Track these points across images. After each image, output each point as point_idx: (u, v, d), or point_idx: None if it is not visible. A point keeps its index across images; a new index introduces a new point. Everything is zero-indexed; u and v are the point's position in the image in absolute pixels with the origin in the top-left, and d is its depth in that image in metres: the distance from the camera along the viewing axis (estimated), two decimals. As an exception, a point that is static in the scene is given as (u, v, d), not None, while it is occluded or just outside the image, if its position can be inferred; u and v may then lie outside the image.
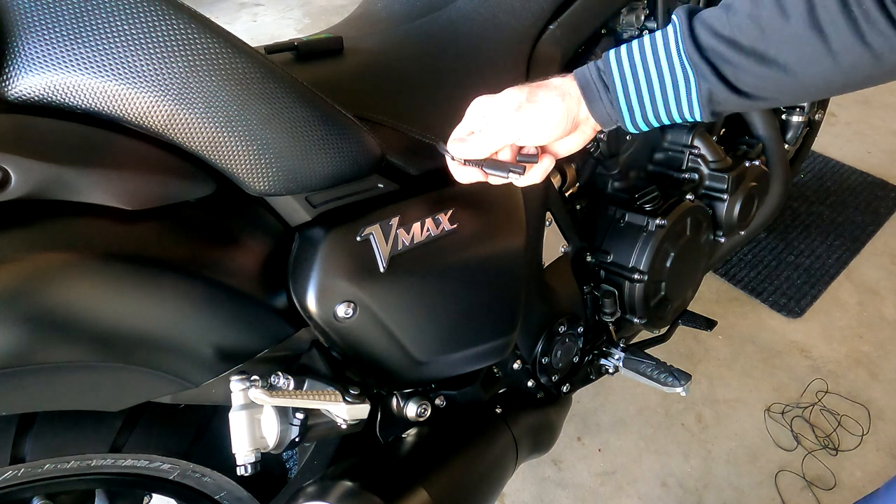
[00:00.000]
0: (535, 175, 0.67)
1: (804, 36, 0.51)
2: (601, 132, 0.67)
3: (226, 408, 0.66)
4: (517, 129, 0.62)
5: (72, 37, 0.49)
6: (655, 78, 0.59)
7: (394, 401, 0.85)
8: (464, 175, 0.67)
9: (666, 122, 0.62)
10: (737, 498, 1.35)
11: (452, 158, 0.66)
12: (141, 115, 0.52)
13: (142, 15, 0.50)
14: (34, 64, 0.49)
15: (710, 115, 0.59)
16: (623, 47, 0.61)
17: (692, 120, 0.61)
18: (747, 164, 1.17)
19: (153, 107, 0.52)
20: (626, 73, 0.60)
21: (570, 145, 0.67)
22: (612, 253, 1.05)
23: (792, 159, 1.57)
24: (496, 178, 0.66)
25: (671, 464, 1.42)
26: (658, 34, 0.59)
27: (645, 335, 1.25)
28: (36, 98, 0.49)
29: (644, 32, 1.00)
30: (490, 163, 0.65)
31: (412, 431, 0.87)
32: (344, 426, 0.71)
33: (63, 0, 0.49)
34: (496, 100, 0.64)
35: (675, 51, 0.58)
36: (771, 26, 0.52)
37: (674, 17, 0.58)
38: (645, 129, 0.63)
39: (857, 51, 0.50)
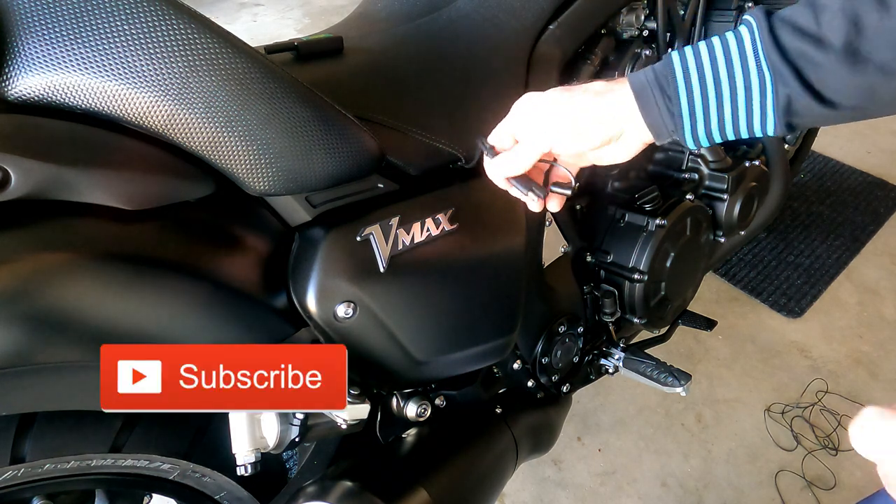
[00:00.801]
0: (553, 204, 0.63)
1: None
2: (653, 145, 0.60)
3: (226, 408, 0.66)
4: (554, 137, 0.58)
5: (72, 37, 0.49)
6: (726, 83, 0.52)
7: (394, 401, 0.85)
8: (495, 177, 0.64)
9: (731, 136, 0.55)
10: (737, 498, 1.35)
11: (490, 158, 0.63)
12: (141, 115, 0.52)
13: (142, 15, 0.50)
14: (34, 64, 0.49)
15: (785, 128, 0.52)
16: (688, 48, 0.54)
17: (762, 134, 0.54)
18: (747, 164, 1.17)
19: (153, 107, 0.52)
20: (692, 76, 0.53)
21: (611, 157, 0.60)
22: (612, 253, 1.05)
23: (792, 159, 1.57)
24: (516, 192, 0.63)
25: (671, 464, 1.42)
26: (730, 35, 0.52)
27: (645, 335, 1.25)
28: (36, 98, 0.49)
29: (644, 32, 1.00)
30: (519, 178, 0.62)
31: (412, 431, 0.87)
32: (344, 426, 0.71)
33: (63, 0, 0.49)
34: (540, 101, 0.59)
35: (752, 52, 0.51)
36: (868, 20, 0.46)
37: (748, 17, 0.52)
38: (706, 144, 0.56)
39: None
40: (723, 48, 0.52)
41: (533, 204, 0.64)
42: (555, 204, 0.65)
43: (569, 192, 0.63)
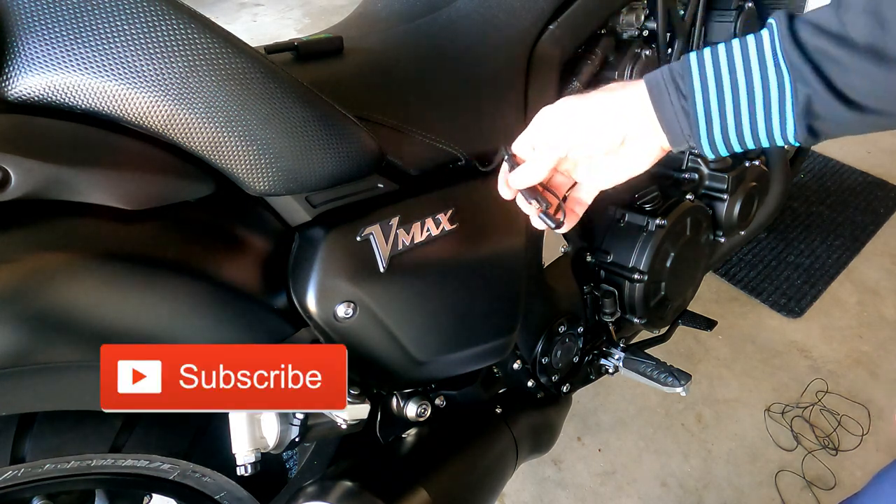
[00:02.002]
0: (569, 221, 0.62)
1: None
2: (671, 153, 0.57)
3: (226, 408, 0.66)
4: (567, 136, 0.56)
5: (72, 37, 0.49)
6: (743, 83, 0.50)
7: (394, 401, 0.85)
8: (510, 189, 0.63)
9: (750, 143, 0.52)
10: (737, 498, 1.35)
11: (511, 169, 0.62)
12: (141, 115, 0.52)
13: (142, 15, 0.50)
14: (34, 64, 0.49)
15: (806, 133, 0.49)
16: (707, 49, 0.52)
17: (782, 142, 0.51)
18: (747, 164, 1.17)
19: (153, 107, 0.52)
20: (708, 75, 0.51)
21: (629, 165, 0.58)
22: (612, 253, 1.05)
23: (792, 159, 1.57)
24: (524, 205, 0.63)
25: (671, 464, 1.42)
26: (751, 35, 0.50)
27: (645, 335, 1.25)
28: (36, 98, 0.49)
29: (644, 32, 1.00)
30: (529, 191, 0.61)
31: (412, 431, 0.87)
32: (344, 426, 0.71)
33: (63, 0, 0.49)
34: (557, 106, 0.58)
35: (770, 51, 0.49)
36: (894, 16, 0.44)
37: (771, 20, 0.50)
38: (724, 152, 0.53)
39: None
40: (741, 48, 0.50)
41: (539, 222, 0.62)
42: (570, 221, 0.63)
43: (552, 224, 0.61)
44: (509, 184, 0.62)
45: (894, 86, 0.45)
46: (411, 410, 0.84)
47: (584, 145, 0.57)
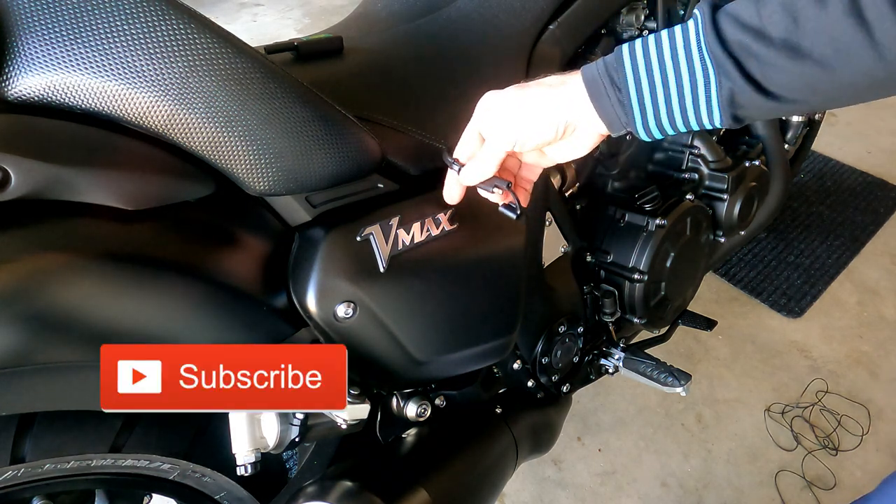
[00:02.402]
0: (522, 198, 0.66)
1: (843, 25, 0.45)
2: (609, 137, 0.62)
3: (226, 408, 0.66)
4: (514, 132, 0.59)
5: (72, 37, 0.49)
6: (672, 76, 0.53)
7: (394, 401, 0.85)
8: (454, 191, 0.67)
9: (682, 128, 0.56)
10: (737, 498, 1.35)
11: (458, 171, 0.65)
12: (141, 115, 0.52)
13: (142, 15, 0.50)
14: (34, 64, 0.49)
15: (732, 121, 0.53)
16: (637, 41, 0.55)
17: (710, 127, 0.55)
18: (747, 164, 1.17)
19: (153, 107, 0.52)
20: (640, 69, 0.54)
21: (571, 150, 0.62)
22: (612, 253, 1.05)
23: (792, 159, 1.57)
24: (486, 195, 0.66)
25: (671, 464, 1.42)
26: (678, 28, 0.53)
27: (645, 335, 1.25)
28: (36, 98, 0.49)
29: (644, 32, 1.00)
30: (486, 183, 0.64)
31: (412, 431, 0.87)
32: (344, 426, 0.71)
33: (63, 0, 0.49)
34: (498, 97, 0.61)
35: (696, 45, 0.52)
36: (805, 14, 0.47)
37: (696, 10, 0.53)
38: (659, 136, 0.57)
39: None
40: (669, 41, 0.53)
41: (496, 197, 0.65)
42: (524, 201, 0.67)
43: (514, 214, 0.64)
44: (462, 181, 0.65)
45: (808, 78, 0.49)
46: (411, 410, 0.84)
47: (530, 140, 0.60)
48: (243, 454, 0.67)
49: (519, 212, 0.65)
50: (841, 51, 0.46)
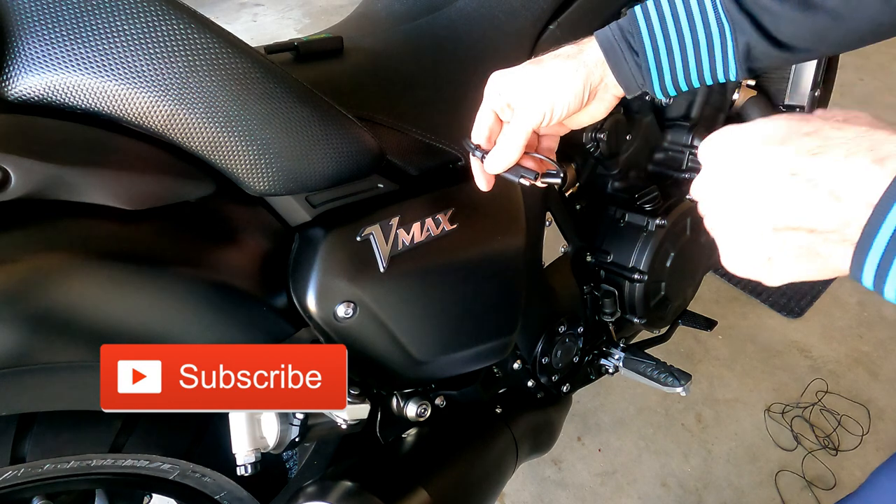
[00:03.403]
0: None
1: None
2: (625, 98, 0.62)
3: (226, 408, 0.66)
4: (542, 106, 0.58)
5: (72, 37, 0.49)
6: (688, 34, 0.55)
7: (394, 401, 0.85)
8: (481, 180, 0.65)
9: (696, 84, 0.58)
10: (737, 498, 1.35)
11: (480, 160, 0.63)
12: (141, 115, 0.52)
13: (142, 15, 0.50)
14: (34, 64, 0.49)
15: (746, 73, 0.56)
16: (650, 3, 0.57)
17: (724, 79, 0.57)
18: (747, 164, 1.17)
19: (153, 107, 0.52)
20: (656, 30, 0.56)
21: (590, 116, 0.63)
22: (612, 253, 1.05)
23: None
24: (516, 181, 0.63)
25: (671, 464, 1.42)
26: None
27: (645, 335, 1.25)
28: (36, 98, 0.49)
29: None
30: (512, 170, 0.62)
31: (412, 431, 0.87)
32: (344, 426, 0.71)
33: (63, 0, 0.49)
34: (515, 75, 0.60)
35: (710, 3, 0.54)
36: None
37: None
38: (674, 93, 0.59)
39: None
40: (684, 4, 0.55)
41: (541, 184, 0.64)
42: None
43: (559, 180, 0.63)
44: (489, 170, 0.63)
45: (819, 28, 0.52)
46: (411, 410, 0.84)
47: (559, 111, 0.59)
48: (243, 454, 0.67)
49: (562, 175, 0.63)
50: (850, 0, 0.50)
